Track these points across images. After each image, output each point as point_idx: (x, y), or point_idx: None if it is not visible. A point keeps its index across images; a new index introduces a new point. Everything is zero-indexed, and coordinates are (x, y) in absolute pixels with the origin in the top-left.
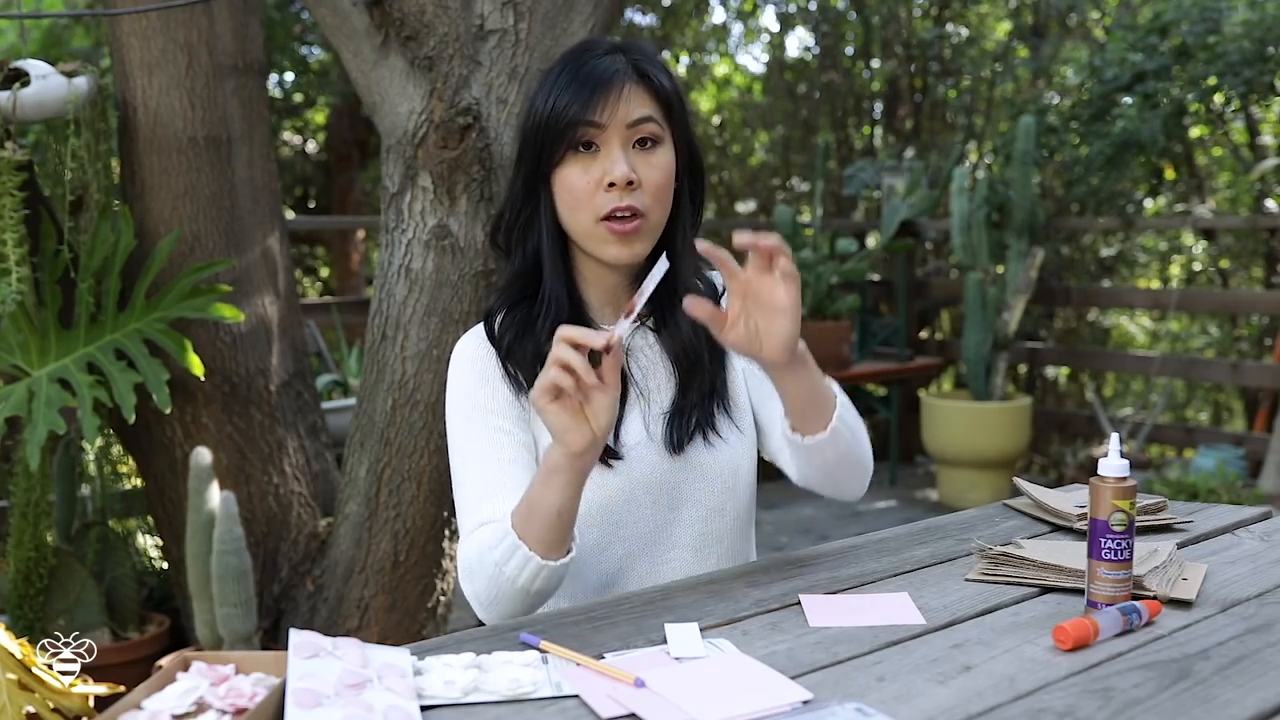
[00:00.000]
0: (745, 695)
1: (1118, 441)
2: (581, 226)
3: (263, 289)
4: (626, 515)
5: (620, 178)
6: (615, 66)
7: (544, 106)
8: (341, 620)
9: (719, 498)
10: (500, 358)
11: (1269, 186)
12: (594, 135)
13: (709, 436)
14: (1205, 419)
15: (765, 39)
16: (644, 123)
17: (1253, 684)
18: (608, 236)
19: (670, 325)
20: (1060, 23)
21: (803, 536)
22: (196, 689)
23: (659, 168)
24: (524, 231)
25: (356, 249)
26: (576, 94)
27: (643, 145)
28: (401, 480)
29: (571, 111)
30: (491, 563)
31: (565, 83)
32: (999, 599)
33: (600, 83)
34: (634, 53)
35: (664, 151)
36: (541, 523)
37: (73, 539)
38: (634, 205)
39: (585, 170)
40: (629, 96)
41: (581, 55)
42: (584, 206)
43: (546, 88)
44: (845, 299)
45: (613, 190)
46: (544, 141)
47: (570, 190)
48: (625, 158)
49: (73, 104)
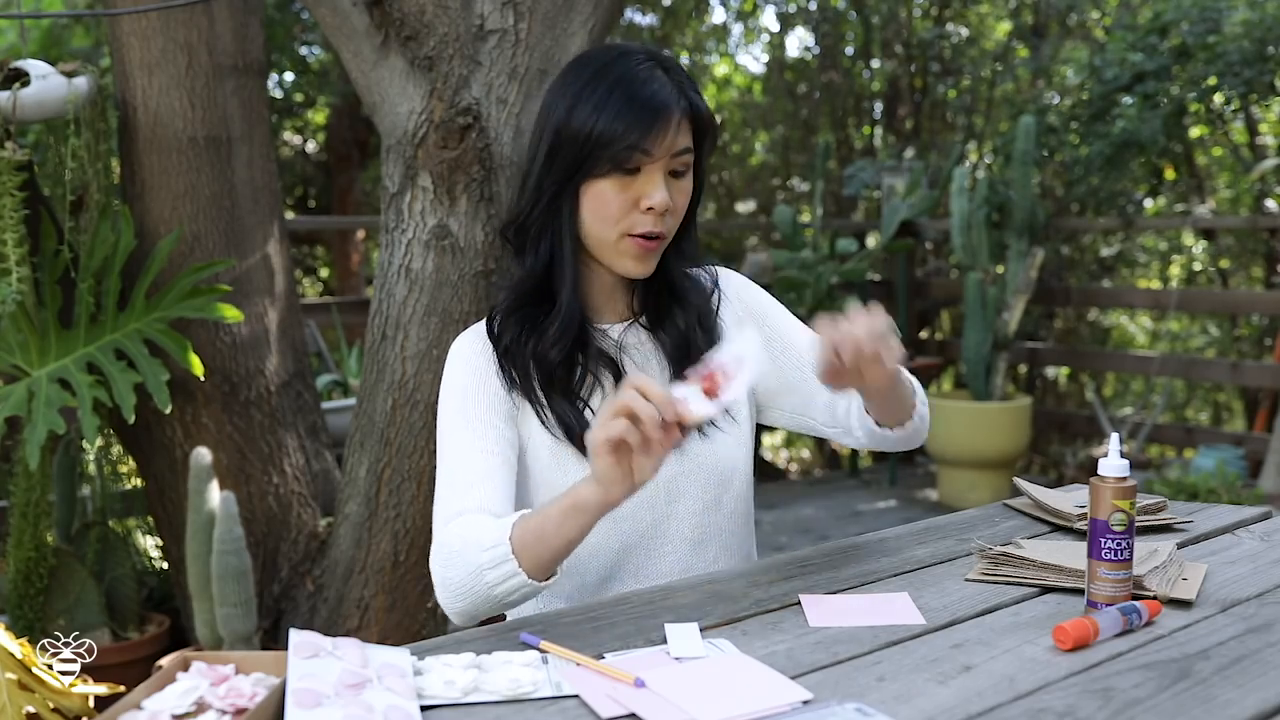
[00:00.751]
0: (745, 695)
1: (1118, 441)
2: (606, 239)
3: (263, 289)
4: (623, 511)
5: (660, 205)
6: (669, 95)
7: (593, 123)
8: (341, 620)
9: (715, 490)
10: (498, 355)
11: (1269, 186)
12: (643, 161)
13: (704, 429)
14: (1205, 419)
15: (765, 39)
16: (684, 154)
17: (1253, 684)
18: (631, 251)
19: (666, 322)
20: (1060, 23)
21: (803, 536)
22: (196, 689)
23: (686, 192)
24: (540, 234)
25: (356, 249)
26: (635, 120)
27: (676, 174)
28: (401, 480)
29: (630, 138)
30: (475, 564)
31: (620, 104)
32: (999, 599)
33: (660, 112)
34: (676, 73)
35: (690, 178)
36: (548, 550)
37: (73, 539)
38: (660, 230)
39: (622, 189)
40: (678, 128)
41: (632, 72)
42: (614, 222)
43: (593, 101)
44: (845, 299)
45: (649, 214)
46: (586, 155)
47: (604, 204)
48: (665, 185)
49: (73, 104)
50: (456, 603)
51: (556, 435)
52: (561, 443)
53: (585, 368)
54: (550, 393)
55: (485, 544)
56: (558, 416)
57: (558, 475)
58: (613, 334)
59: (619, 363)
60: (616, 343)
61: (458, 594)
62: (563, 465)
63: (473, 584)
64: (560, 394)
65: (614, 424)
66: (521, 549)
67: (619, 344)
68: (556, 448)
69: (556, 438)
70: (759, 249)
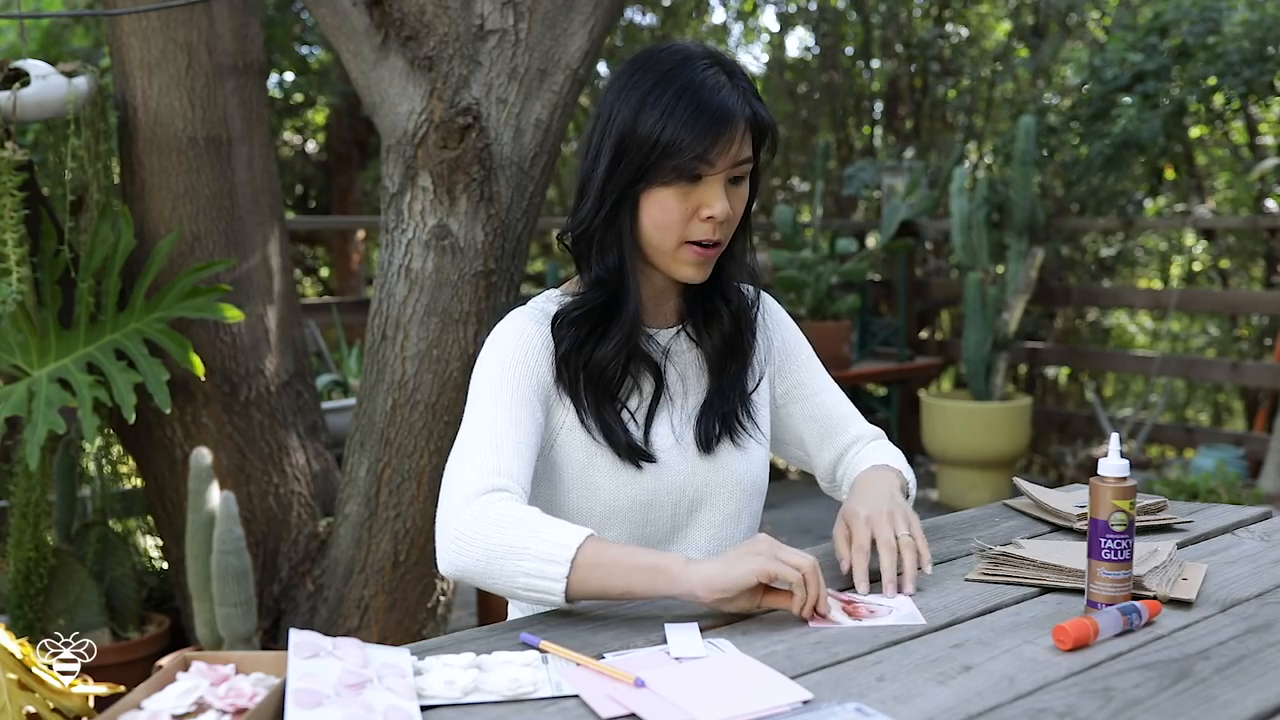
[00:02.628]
0: (745, 695)
1: (1118, 441)
2: (665, 245)
3: (263, 289)
4: (646, 516)
5: (721, 214)
6: (736, 104)
7: (661, 130)
8: (341, 620)
9: (737, 503)
10: (555, 355)
11: (1269, 186)
12: (705, 171)
13: (737, 438)
14: (1205, 419)
15: (765, 39)
16: (745, 163)
17: (1253, 684)
18: (690, 258)
19: (712, 326)
20: (1060, 23)
21: (803, 536)
22: (196, 689)
23: (743, 199)
24: (603, 241)
25: (356, 249)
26: (704, 131)
27: (734, 181)
28: (401, 480)
29: (697, 149)
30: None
31: (688, 112)
32: (999, 599)
33: (727, 123)
34: (740, 79)
35: (747, 185)
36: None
37: (73, 539)
38: (718, 238)
39: (684, 197)
40: (739, 138)
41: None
42: (674, 229)
43: (661, 107)
44: (845, 299)
45: (709, 222)
46: (652, 163)
47: (665, 212)
48: (725, 195)
49: (73, 104)
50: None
51: (595, 438)
52: (599, 445)
53: (626, 369)
54: (596, 396)
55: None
56: (599, 420)
57: (590, 476)
58: (660, 339)
59: (661, 367)
60: (663, 348)
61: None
62: (595, 467)
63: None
64: (605, 397)
65: (790, 572)
66: (582, 567)
67: (665, 349)
68: (591, 448)
69: (595, 440)
70: (759, 249)
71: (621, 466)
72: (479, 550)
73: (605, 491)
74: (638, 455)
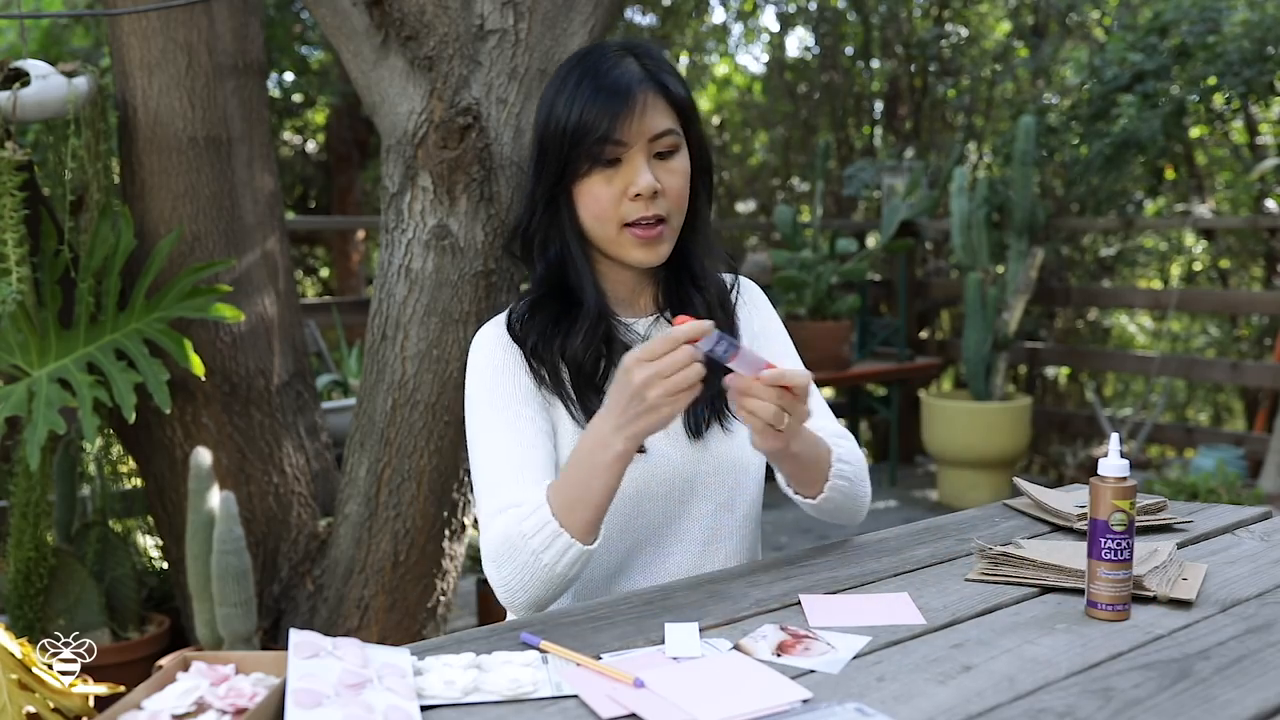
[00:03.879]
0: (745, 695)
1: (1118, 441)
2: (606, 234)
3: (263, 289)
4: (638, 508)
5: (646, 189)
6: (633, 77)
7: (565, 118)
8: (341, 620)
9: (729, 491)
10: (525, 354)
11: (1269, 186)
12: (619, 152)
13: (726, 422)
14: (1205, 419)
15: (765, 39)
16: (665, 135)
17: (1253, 684)
18: (633, 241)
19: (689, 312)
20: (1060, 23)
21: (803, 536)
22: (196, 689)
23: (678, 173)
24: (545, 240)
25: (356, 249)
26: (602, 109)
27: (662, 156)
28: (401, 480)
29: (599, 129)
30: (528, 550)
31: (588, 95)
32: (999, 599)
33: (623, 97)
34: (646, 57)
35: (682, 157)
36: (592, 509)
37: (73, 539)
38: (658, 213)
39: (609, 182)
40: (650, 110)
41: (598, 62)
42: (609, 216)
43: (565, 96)
44: (845, 299)
45: (638, 200)
46: (568, 155)
47: (595, 200)
48: (649, 169)
49: (73, 104)
50: (520, 596)
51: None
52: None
53: (610, 362)
54: (580, 389)
55: (530, 531)
56: (588, 412)
57: None
58: (638, 329)
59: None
60: (643, 338)
61: (520, 588)
62: None
63: (532, 572)
64: (590, 390)
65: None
66: (567, 520)
67: (645, 339)
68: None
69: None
70: (759, 249)
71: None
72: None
73: None
74: None
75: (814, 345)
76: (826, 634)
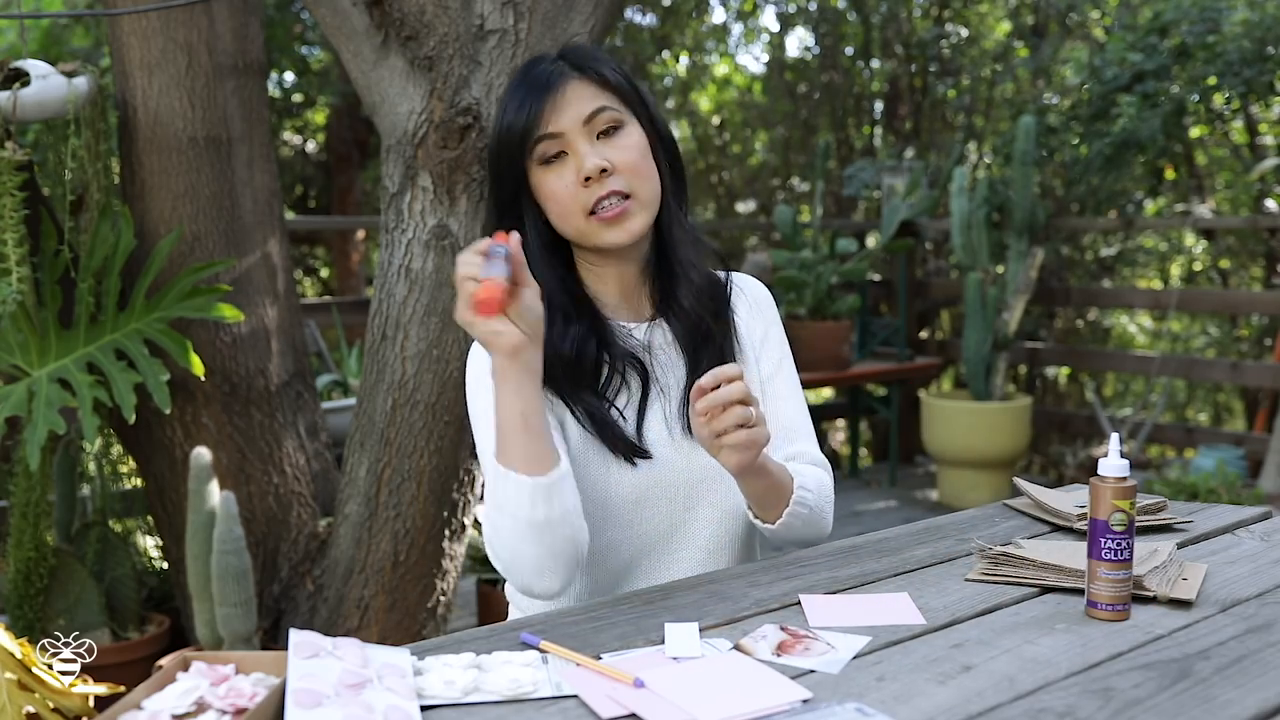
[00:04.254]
0: (745, 695)
1: (1118, 441)
2: (574, 228)
3: (263, 289)
4: (643, 513)
5: (593, 169)
6: (554, 72)
7: (502, 127)
8: (341, 620)
9: (735, 498)
10: None
11: (1269, 186)
12: (557, 145)
13: None
14: (1205, 419)
15: (765, 39)
16: (599, 114)
17: (1253, 684)
18: (600, 226)
19: (674, 305)
20: (1060, 23)
21: None
22: (196, 689)
23: (629, 148)
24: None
25: (356, 249)
26: (524, 108)
27: (606, 134)
28: (401, 480)
29: (524, 126)
30: (494, 507)
31: (517, 99)
32: (999, 599)
33: (544, 91)
34: (572, 56)
35: (630, 132)
36: (514, 438)
37: (73, 539)
38: (615, 189)
39: (559, 176)
40: (574, 97)
41: (525, 71)
42: (571, 208)
43: (501, 108)
44: (845, 299)
45: (590, 184)
46: (511, 160)
47: (553, 198)
48: (593, 151)
49: (73, 104)
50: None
51: (589, 435)
52: (589, 437)
53: (612, 367)
54: (577, 390)
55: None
56: (590, 416)
57: (585, 475)
58: (637, 334)
59: (645, 363)
60: (642, 342)
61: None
62: (586, 459)
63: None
64: (589, 392)
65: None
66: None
67: (645, 344)
68: (584, 442)
69: (588, 437)
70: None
71: (616, 464)
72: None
73: (600, 490)
74: (633, 452)
75: (814, 345)
76: (826, 634)
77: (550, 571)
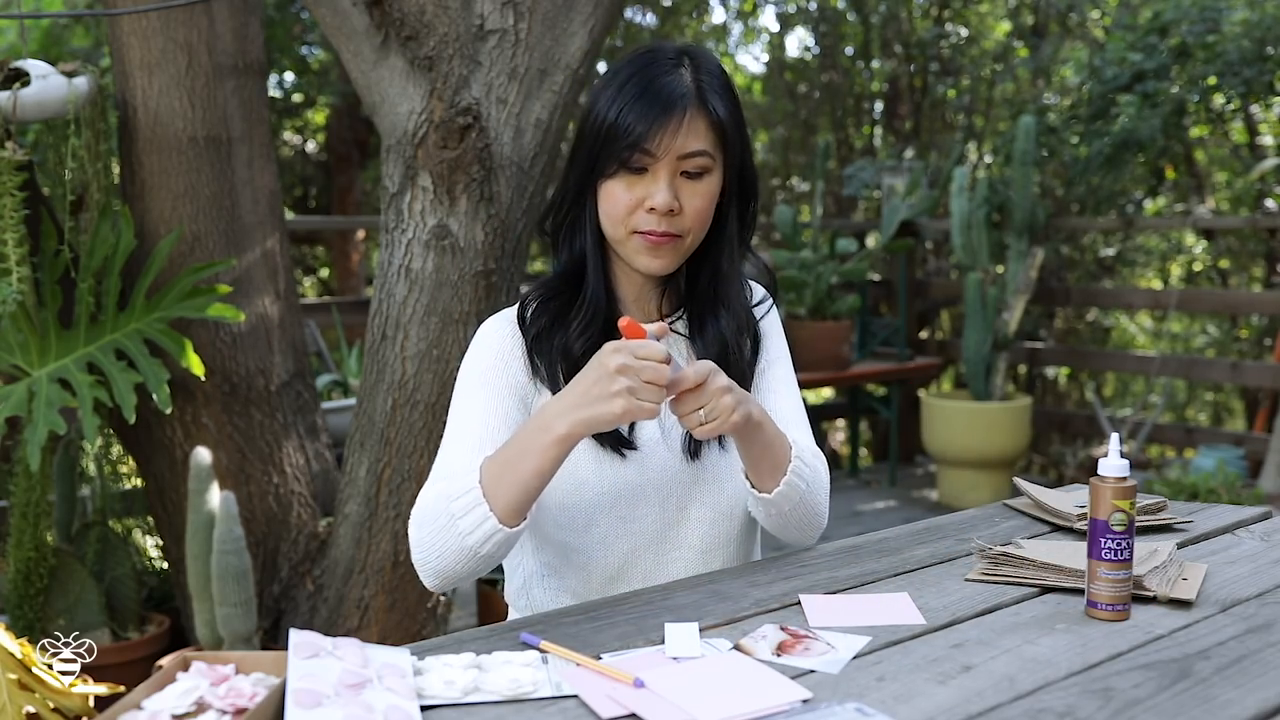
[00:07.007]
0: (745, 695)
1: (1118, 441)
2: (617, 235)
3: (263, 289)
4: (635, 511)
5: (662, 205)
6: (682, 88)
7: (605, 115)
8: (341, 620)
9: (729, 502)
10: (526, 344)
11: (1269, 186)
12: (646, 162)
13: (724, 441)
14: (1205, 419)
15: (765, 39)
16: (695, 156)
17: (1253, 684)
18: (640, 246)
19: (709, 331)
20: (1060, 23)
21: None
22: (196, 689)
23: (702, 195)
24: (571, 230)
25: (356, 249)
26: (640, 116)
27: (690, 175)
28: (401, 480)
29: (631, 135)
30: (448, 514)
31: (631, 96)
32: (999, 599)
33: (668, 108)
34: (702, 70)
35: (711, 180)
36: (518, 489)
37: (73, 539)
38: (669, 230)
39: (630, 188)
40: (688, 128)
41: (650, 65)
42: (620, 220)
43: (610, 92)
44: (845, 299)
45: (652, 214)
46: (600, 153)
47: (613, 201)
48: (670, 186)
49: (73, 104)
50: (431, 561)
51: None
52: None
53: None
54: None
55: (455, 494)
56: None
57: (574, 467)
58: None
59: None
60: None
61: (432, 553)
62: (579, 458)
63: (446, 538)
64: None
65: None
66: (491, 492)
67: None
68: None
69: None
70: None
71: (604, 455)
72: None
73: (590, 482)
74: (619, 442)
75: (814, 345)
76: (826, 634)
77: (448, 581)
